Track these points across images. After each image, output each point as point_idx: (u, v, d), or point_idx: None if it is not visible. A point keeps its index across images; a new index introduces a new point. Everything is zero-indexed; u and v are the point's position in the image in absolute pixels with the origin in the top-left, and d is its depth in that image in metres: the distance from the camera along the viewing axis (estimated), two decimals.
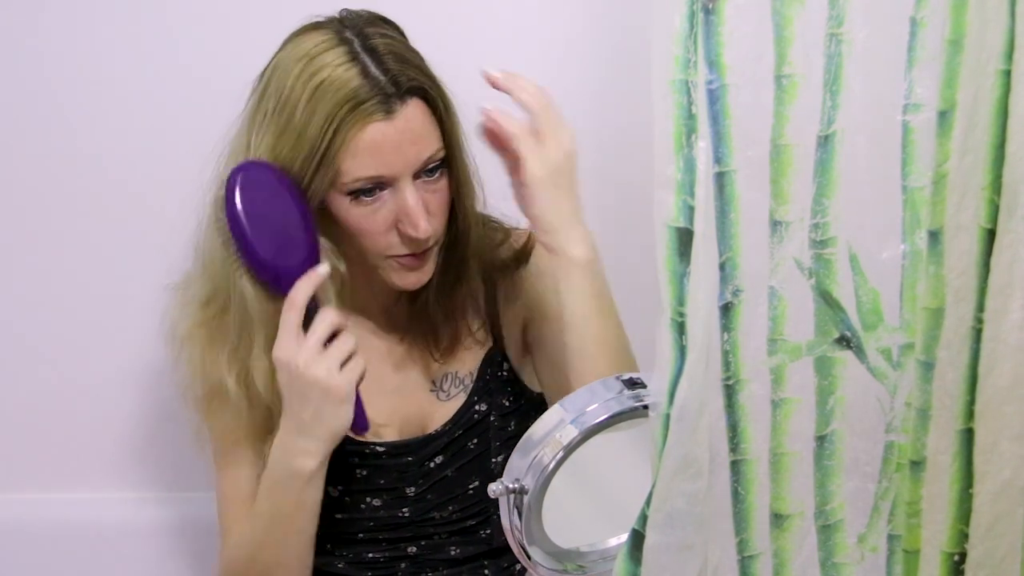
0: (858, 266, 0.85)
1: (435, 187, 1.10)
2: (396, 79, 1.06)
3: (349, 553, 1.23)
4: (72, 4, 1.37)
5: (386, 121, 1.05)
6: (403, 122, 1.06)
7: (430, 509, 1.20)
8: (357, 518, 1.21)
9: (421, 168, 1.08)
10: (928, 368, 0.86)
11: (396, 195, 1.07)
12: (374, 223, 1.08)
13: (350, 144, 1.04)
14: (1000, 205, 0.82)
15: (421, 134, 1.07)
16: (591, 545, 0.94)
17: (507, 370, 1.22)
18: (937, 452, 0.87)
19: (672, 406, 0.79)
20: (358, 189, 1.06)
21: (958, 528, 0.88)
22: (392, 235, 1.09)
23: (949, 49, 0.81)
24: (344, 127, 1.04)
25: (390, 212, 1.08)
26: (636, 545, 0.83)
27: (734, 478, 0.86)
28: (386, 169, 1.06)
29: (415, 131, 1.07)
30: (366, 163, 1.05)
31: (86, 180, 1.42)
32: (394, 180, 1.07)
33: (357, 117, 1.04)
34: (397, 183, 1.07)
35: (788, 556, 0.89)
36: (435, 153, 1.09)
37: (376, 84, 1.05)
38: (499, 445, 1.20)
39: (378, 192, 1.07)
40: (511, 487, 0.88)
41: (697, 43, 0.76)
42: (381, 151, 1.05)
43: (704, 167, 0.78)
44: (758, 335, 0.84)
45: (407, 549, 1.22)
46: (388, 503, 1.20)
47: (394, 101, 1.05)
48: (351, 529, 1.22)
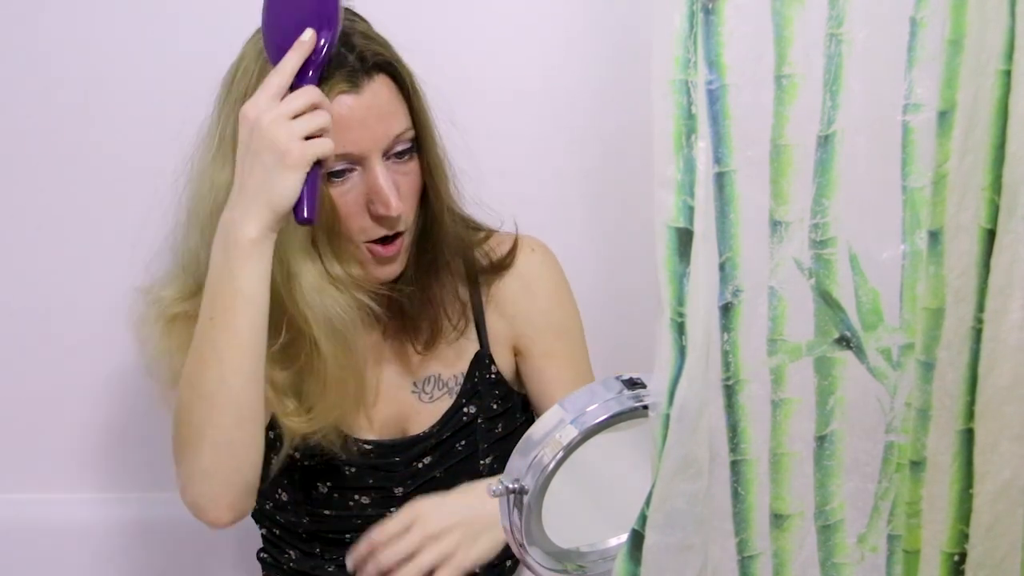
0: (858, 266, 0.85)
1: (405, 169, 1.10)
2: (362, 55, 1.06)
3: (339, 556, 1.23)
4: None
5: (352, 94, 1.05)
6: (370, 96, 1.06)
7: None
8: (346, 516, 1.21)
9: (390, 147, 1.08)
10: (928, 368, 0.86)
11: (366, 175, 1.07)
12: (346, 204, 1.07)
13: None
14: (1000, 205, 0.82)
15: (388, 110, 1.07)
16: (591, 545, 0.94)
17: (495, 373, 1.22)
18: (937, 452, 0.87)
19: (672, 406, 0.79)
20: (329, 172, 1.06)
21: (958, 528, 0.88)
22: (364, 218, 1.08)
23: (949, 49, 0.81)
24: None
25: (360, 193, 1.07)
26: (636, 545, 0.83)
27: (734, 478, 0.86)
28: (354, 146, 1.05)
29: (382, 107, 1.07)
30: (334, 139, 1.03)
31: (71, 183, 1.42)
32: (363, 159, 1.06)
33: (324, 91, 1.03)
34: (367, 162, 1.07)
35: (788, 556, 0.89)
36: (404, 132, 1.08)
37: (341, 59, 1.05)
38: (487, 447, 1.20)
39: (348, 173, 1.07)
40: (511, 487, 0.88)
41: (697, 43, 0.76)
42: (348, 126, 1.05)
43: (704, 167, 0.78)
44: (758, 335, 0.84)
45: None
46: (376, 502, 1.20)
47: (360, 75, 1.05)
48: (340, 528, 1.22)
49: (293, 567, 1.26)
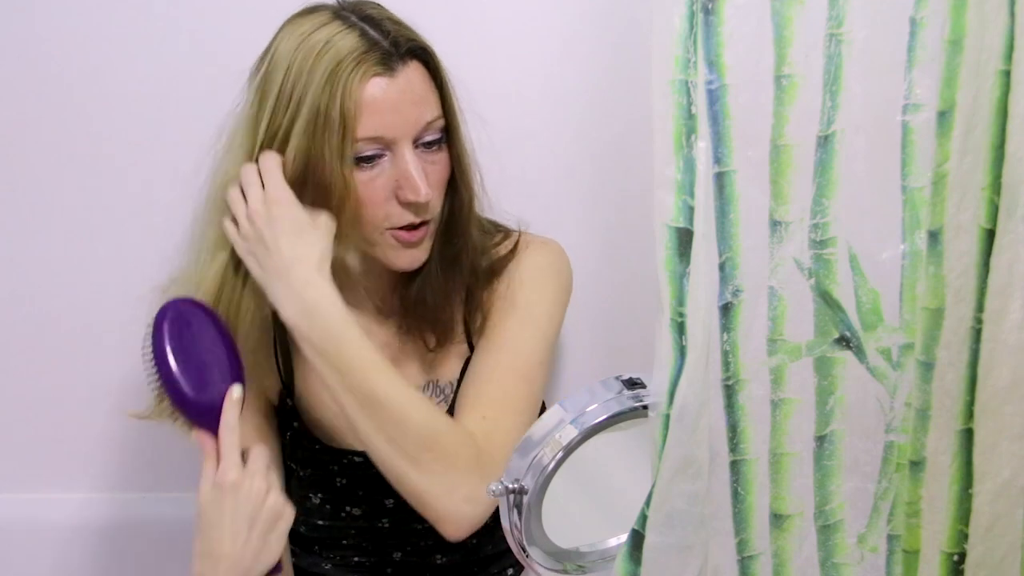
0: (858, 266, 0.85)
1: (434, 159, 1.09)
2: (395, 40, 1.06)
3: (336, 556, 1.23)
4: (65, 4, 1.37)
5: (387, 77, 1.05)
6: (404, 81, 1.06)
7: (411, 520, 1.18)
8: (339, 525, 1.21)
9: (421, 133, 1.07)
10: (928, 368, 0.86)
11: (396, 161, 1.06)
12: (374, 190, 1.06)
13: (354, 102, 1.03)
14: (1000, 205, 0.82)
15: (422, 96, 1.07)
16: (591, 545, 0.94)
17: None
18: (937, 452, 0.87)
19: (672, 406, 0.79)
20: (359, 156, 1.05)
21: (958, 528, 0.88)
22: (391, 204, 1.07)
23: (949, 49, 0.81)
24: (347, 85, 1.02)
25: (389, 179, 1.07)
26: (636, 545, 0.83)
27: (734, 478, 0.86)
28: (386, 130, 1.05)
29: (415, 92, 1.06)
30: (366, 122, 1.03)
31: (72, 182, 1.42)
32: (394, 144, 1.06)
33: (358, 73, 1.03)
34: (397, 148, 1.06)
35: (788, 556, 0.89)
36: (435, 119, 1.08)
37: (376, 44, 1.05)
38: None
39: (378, 159, 1.06)
40: (511, 487, 0.88)
41: (697, 43, 0.76)
42: (381, 110, 1.04)
43: (704, 167, 0.78)
44: (758, 335, 0.84)
45: (393, 555, 1.22)
46: (368, 513, 1.20)
47: (395, 60, 1.05)
48: (335, 535, 1.22)
49: (293, 563, 1.27)
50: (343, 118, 1.02)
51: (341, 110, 1.02)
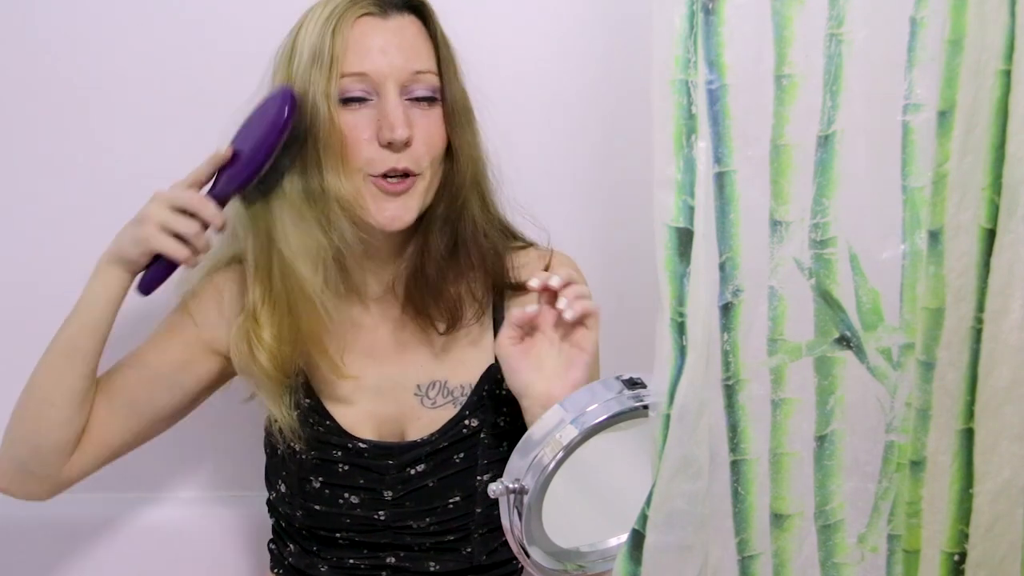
0: (858, 266, 0.85)
1: (425, 113, 1.12)
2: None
3: (332, 557, 1.23)
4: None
5: (378, 18, 1.10)
6: (396, 26, 1.10)
7: (407, 517, 1.19)
8: (335, 513, 1.20)
9: (409, 82, 1.10)
10: (928, 368, 0.86)
11: (380, 103, 1.09)
12: (355, 129, 1.09)
13: (343, 37, 1.08)
14: (1000, 205, 0.82)
15: (413, 45, 1.11)
16: (591, 545, 0.94)
17: (506, 390, 1.19)
18: (937, 452, 0.87)
19: (672, 406, 0.79)
20: (345, 97, 1.09)
21: (958, 528, 0.88)
22: (372, 147, 1.09)
23: (949, 49, 0.81)
24: (339, 22, 1.08)
25: (372, 120, 1.09)
26: (636, 545, 0.83)
27: (734, 478, 0.86)
28: (371, 67, 1.08)
29: (406, 39, 1.10)
30: (352, 58, 1.08)
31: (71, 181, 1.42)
32: (380, 85, 1.09)
33: (351, 12, 1.09)
34: (382, 91, 1.09)
35: (788, 556, 0.89)
36: (424, 71, 1.11)
37: None
38: (487, 464, 1.19)
39: (363, 103, 1.09)
40: (511, 487, 0.88)
41: (697, 43, 0.76)
42: (368, 47, 1.09)
43: (704, 167, 0.78)
44: (758, 335, 0.84)
45: (387, 559, 1.22)
46: (365, 502, 1.20)
47: (389, 6, 1.11)
48: (330, 525, 1.21)
49: (291, 563, 1.27)
50: (332, 53, 1.08)
51: (331, 46, 1.08)
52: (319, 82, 1.08)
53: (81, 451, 1.17)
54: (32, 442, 1.14)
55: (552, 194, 1.39)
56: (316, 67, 1.08)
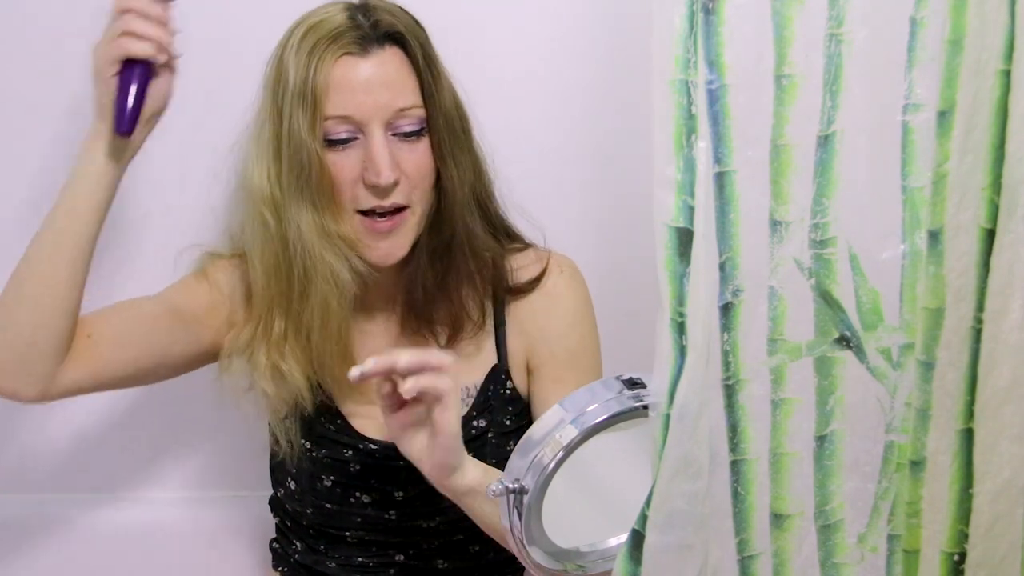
0: (858, 266, 0.85)
1: (412, 148, 1.10)
2: (376, 23, 1.09)
3: (340, 555, 1.23)
4: None
5: (359, 57, 1.08)
6: (377, 63, 1.08)
7: (417, 516, 1.19)
8: (346, 512, 1.21)
9: (393, 120, 1.09)
10: (928, 368, 0.86)
11: (365, 143, 1.08)
12: (343, 171, 1.08)
13: (324, 77, 1.06)
14: (1000, 205, 0.82)
15: (395, 80, 1.09)
16: (591, 545, 0.94)
17: (510, 389, 1.20)
18: (937, 452, 0.87)
19: (672, 406, 0.79)
20: (332, 138, 1.08)
21: (958, 528, 0.88)
22: (359, 186, 1.09)
23: (949, 49, 0.81)
24: (322, 62, 1.06)
25: (358, 161, 1.08)
26: (636, 545, 0.83)
27: (734, 478, 0.86)
28: (355, 109, 1.07)
29: (388, 75, 1.08)
30: (336, 100, 1.06)
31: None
32: (364, 126, 1.08)
33: (333, 50, 1.07)
34: (367, 130, 1.08)
35: (788, 556, 0.89)
36: (410, 107, 1.09)
37: (357, 26, 1.09)
38: (495, 463, 1.19)
39: (349, 143, 1.08)
40: (511, 487, 0.88)
41: (697, 43, 0.76)
42: (352, 88, 1.07)
43: (704, 167, 0.78)
44: (758, 335, 0.84)
45: (395, 557, 1.22)
46: (376, 502, 1.20)
47: (370, 42, 1.08)
48: (341, 524, 1.22)
49: (298, 560, 1.27)
50: (314, 95, 1.06)
51: (313, 86, 1.06)
52: (304, 123, 1.06)
53: (80, 359, 1.11)
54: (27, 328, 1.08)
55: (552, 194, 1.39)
56: (300, 107, 1.07)
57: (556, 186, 1.41)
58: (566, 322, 1.20)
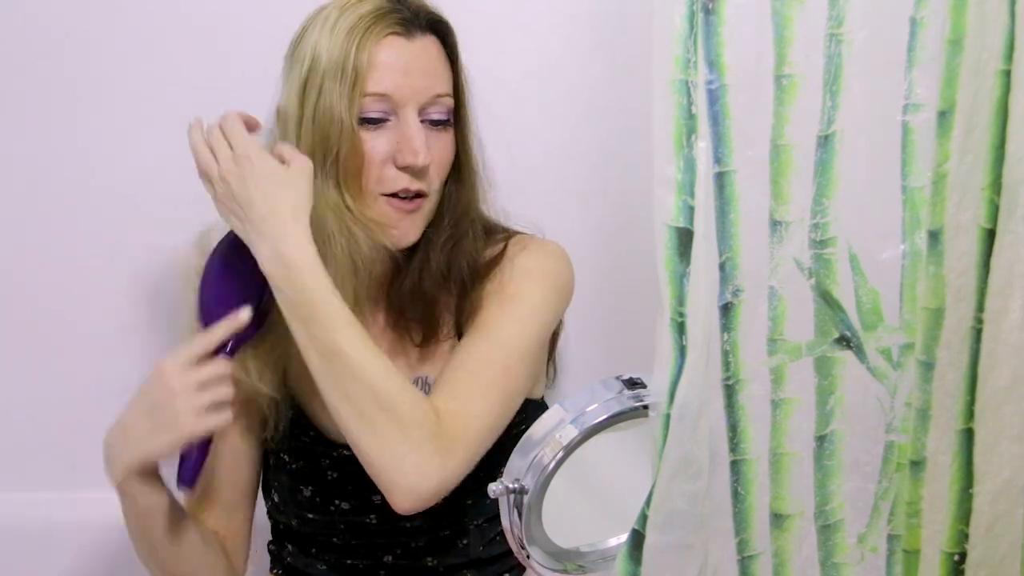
0: (858, 266, 0.85)
1: (439, 136, 1.11)
2: (418, 10, 1.10)
3: (330, 558, 1.23)
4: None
5: (404, 38, 1.08)
6: (420, 47, 1.09)
7: (397, 518, 1.18)
8: (328, 519, 1.20)
9: (428, 105, 1.09)
10: (928, 368, 0.86)
11: (399, 125, 1.08)
12: (374, 150, 1.08)
13: (368, 54, 1.06)
14: (1000, 205, 0.82)
15: (435, 67, 1.10)
16: (591, 545, 0.94)
17: None
18: (937, 452, 0.87)
19: (672, 406, 0.79)
20: (364, 117, 1.07)
21: (958, 528, 0.88)
22: (389, 167, 1.08)
23: (949, 49, 0.81)
24: (363, 38, 1.06)
25: (391, 141, 1.08)
26: (636, 545, 0.83)
27: (734, 478, 0.86)
28: (395, 89, 1.07)
29: (429, 61, 1.09)
30: (377, 77, 1.06)
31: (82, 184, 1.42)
32: (400, 108, 1.08)
33: (376, 28, 1.06)
34: (402, 112, 1.08)
35: (788, 556, 0.89)
36: (444, 94, 1.10)
37: (399, 7, 1.09)
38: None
39: (382, 123, 1.08)
40: (511, 487, 0.88)
41: (697, 43, 0.76)
42: (393, 68, 1.07)
43: (704, 167, 0.78)
44: (758, 335, 0.84)
45: (384, 558, 1.22)
46: (356, 508, 1.19)
47: (414, 26, 1.09)
48: (325, 531, 1.21)
49: (290, 562, 1.27)
50: (356, 71, 1.05)
51: (355, 63, 1.05)
52: (341, 98, 1.05)
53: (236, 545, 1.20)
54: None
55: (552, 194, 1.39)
56: (338, 82, 1.05)
57: (556, 186, 1.41)
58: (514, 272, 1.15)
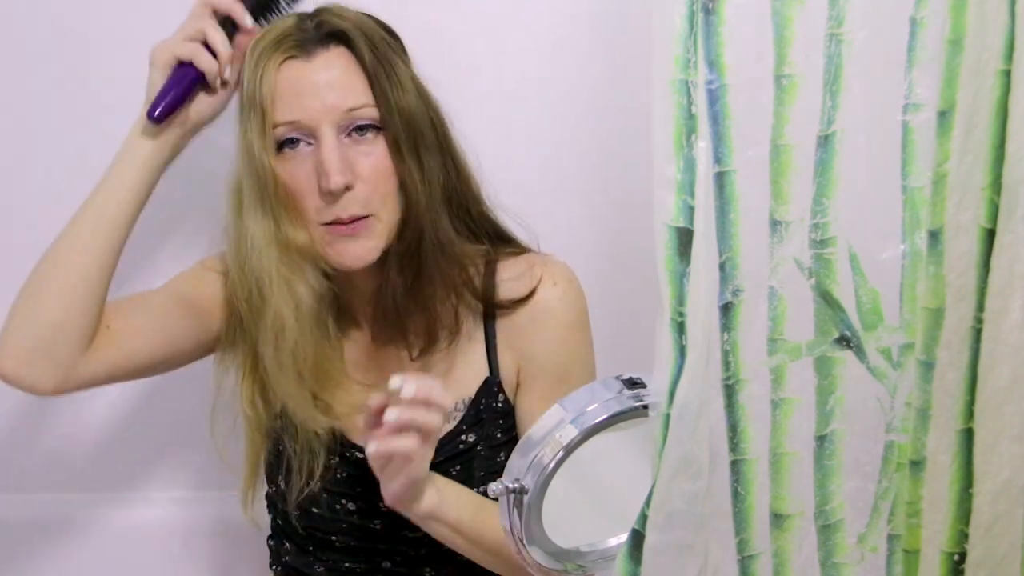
0: (858, 266, 0.85)
1: (366, 149, 1.07)
2: (320, 24, 1.08)
3: (328, 559, 1.23)
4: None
5: (302, 60, 1.06)
6: (321, 64, 1.06)
7: (402, 527, 1.18)
8: (331, 518, 1.20)
9: (344, 120, 1.06)
10: (928, 368, 0.86)
11: (316, 148, 1.06)
12: (298, 180, 1.06)
13: (270, 84, 1.05)
14: (1000, 205, 0.82)
15: (341, 80, 1.06)
16: (591, 545, 0.94)
17: (502, 401, 1.18)
18: (937, 452, 0.87)
19: (672, 406, 0.79)
20: (281, 141, 1.06)
21: (958, 528, 0.88)
22: (315, 196, 1.06)
23: (949, 49, 0.81)
24: (267, 68, 1.05)
25: (311, 168, 1.06)
26: (636, 545, 0.83)
27: (734, 478, 0.86)
28: (302, 113, 1.05)
29: (333, 76, 1.06)
30: (281, 106, 1.05)
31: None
32: (315, 130, 1.05)
33: (275, 56, 1.06)
34: (318, 134, 1.05)
35: (788, 556, 0.89)
36: (359, 107, 1.06)
37: (301, 29, 1.08)
38: (483, 475, 1.17)
39: (298, 145, 1.06)
40: (511, 487, 0.88)
41: (697, 43, 0.76)
42: (297, 93, 1.05)
43: (704, 167, 0.78)
44: (758, 335, 0.84)
45: (382, 564, 1.22)
46: (362, 510, 1.19)
47: (313, 43, 1.07)
48: (327, 529, 1.21)
49: (288, 560, 1.27)
50: (262, 102, 1.05)
51: (260, 94, 1.05)
52: (257, 133, 1.05)
53: (99, 349, 1.10)
54: (56, 314, 1.06)
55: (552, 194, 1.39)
56: (252, 116, 1.05)
57: (556, 186, 1.41)
58: (557, 338, 1.17)
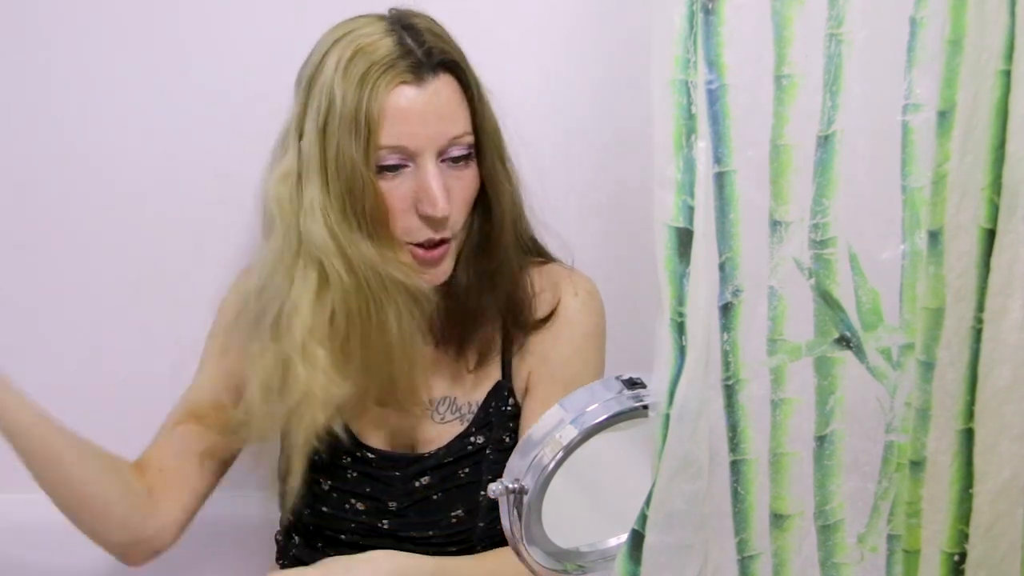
0: (858, 266, 0.85)
1: (460, 175, 1.09)
2: (430, 51, 1.08)
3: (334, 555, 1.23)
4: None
5: (415, 87, 1.06)
6: (432, 93, 1.07)
7: (410, 528, 1.19)
8: (341, 516, 1.21)
9: (446, 147, 1.08)
10: (928, 368, 0.86)
11: (418, 172, 1.07)
12: (394, 200, 1.07)
13: (379, 107, 1.04)
14: (1000, 205, 0.82)
15: (449, 110, 1.08)
16: (591, 545, 0.94)
17: (512, 405, 1.20)
18: (937, 452, 0.87)
19: (672, 406, 0.79)
20: (381, 164, 1.06)
21: (958, 528, 0.88)
22: (411, 217, 1.08)
23: (949, 49, 0.81)
24: (374, 89, 1.04)
25: (410, 190, 1.07)
26: (636, 545, 0.83)
27: (734, 478, 0.86)
28: (409, 140, 1.06)
29: (443, 105, 1.07)
30: (391, 131, 1.05)
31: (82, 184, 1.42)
32: (417, 155, 1.07)
33: (388, 79, 1.05)
34: (420, 160, 1.07)
35: (788, 556, 0.89)
36: (461, 135, 1.09)
37: (409, 52, 1.07)
38: (491, 479, 1.18)
39: (401, 169, 1.07)
40: (511, 487, 0.88)
41: (697, 43, 0.76)
42: (407, 119, 1.05)
43: (704, 167, 0.78)
44: (758, 335, 0.84)
45: None
46: (370, 511, 1.20)
47: (425, 70, 1.07)
48: (336, 527, 1.22)
49: (295, 554, 1.27)
50: (368, 123, 1.04)
51: (367, 114, 1.04)
52: (356, 151, 1.04)
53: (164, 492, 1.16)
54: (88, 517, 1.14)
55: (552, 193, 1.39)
56: (351, 134, 1.04)
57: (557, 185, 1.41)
58: (573, 347, 1.19)
